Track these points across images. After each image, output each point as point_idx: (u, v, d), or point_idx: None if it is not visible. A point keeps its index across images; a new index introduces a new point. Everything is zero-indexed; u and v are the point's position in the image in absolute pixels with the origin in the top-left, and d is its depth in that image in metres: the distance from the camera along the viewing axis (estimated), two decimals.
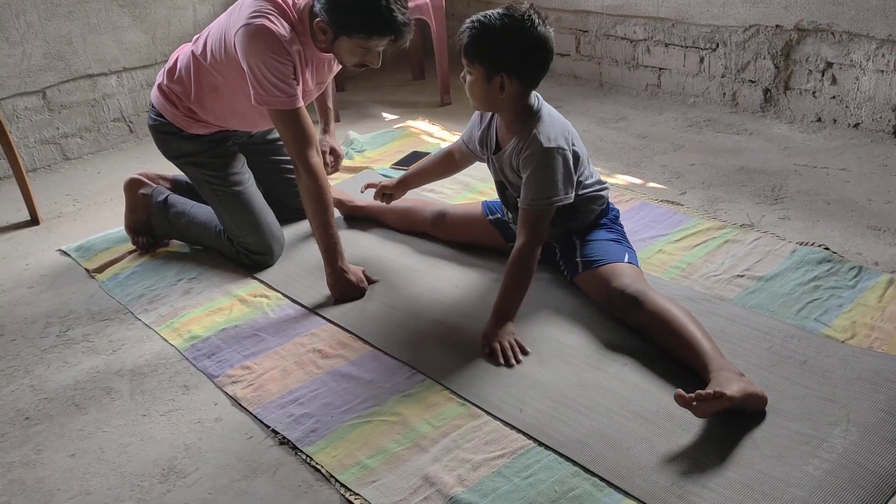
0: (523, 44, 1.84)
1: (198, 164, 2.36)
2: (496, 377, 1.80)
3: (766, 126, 3.19)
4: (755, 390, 1.59)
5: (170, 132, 2.35)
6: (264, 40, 2.04)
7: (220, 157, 2.37)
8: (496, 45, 1.84)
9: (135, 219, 2.53)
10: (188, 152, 2.36)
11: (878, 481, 1.43)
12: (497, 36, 1.83)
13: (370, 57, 2.11)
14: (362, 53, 2.09)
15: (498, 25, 1.83)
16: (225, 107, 2.29)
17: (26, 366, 2.05)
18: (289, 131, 2.11)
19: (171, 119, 2.33)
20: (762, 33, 3.18)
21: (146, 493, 1.59)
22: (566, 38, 3.93)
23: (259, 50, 2.04)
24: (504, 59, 1.85)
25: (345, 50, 2.09)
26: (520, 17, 1.83)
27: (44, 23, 3.25)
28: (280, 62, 2.05)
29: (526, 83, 1.90)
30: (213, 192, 2.36)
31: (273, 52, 2.04)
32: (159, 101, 2.34)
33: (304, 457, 1.64)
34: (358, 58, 2.11)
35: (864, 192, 2.56)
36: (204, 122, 2.33)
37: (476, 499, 1.47)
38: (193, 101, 2.29)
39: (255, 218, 2.35)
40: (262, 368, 1.92)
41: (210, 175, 2.35)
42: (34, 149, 3.36)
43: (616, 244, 2.04)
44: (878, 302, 1.95)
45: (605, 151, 3.10)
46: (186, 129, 2.33)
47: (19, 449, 1.75)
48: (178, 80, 2.30)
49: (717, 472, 1.49)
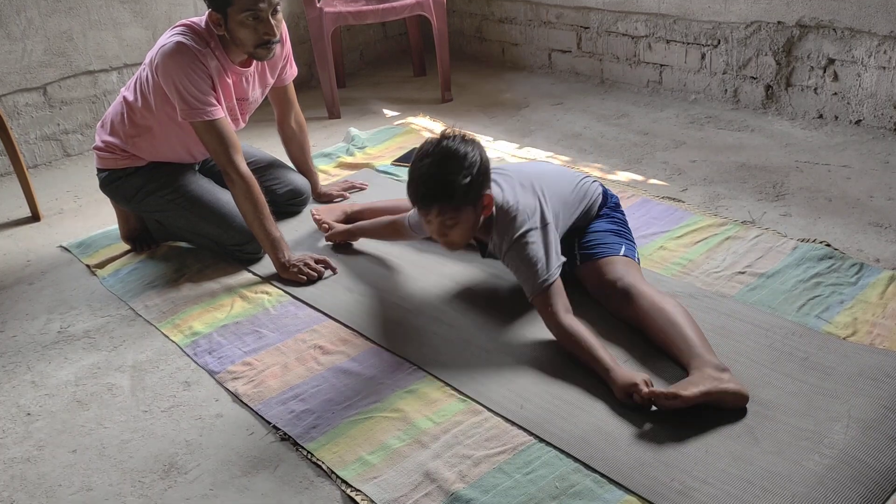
0: (477, 158, 1.83)
1: (152, 191, 2.40)
2: (497, 373, 1.80)
3: (767, 123, 3.18)
4: (732, 388, 1.60)
5: (116, 178, 2.42)
6: (181, 55, 2.15)
7: (166, 174, 2.41)
8: (467, 176, 1.80)
9: (129, 227, 2.55)
10: (139, 185, 2.40)
11: (879, 477, 1.44)
12: (462, 170, 1.79)
13: (263, 26, 2.15)
14: (254, 25, 2.14)
15: (453, 163, 1.80)
16: (161, 143, 2.37)
17: (27, 362, 2.05)
18: (214, 140, 2.21)
19: (112, 167, 2.41)
20: (764, 30, 3.17)
21: (147, 489, 1.59)
22: (567, 34, 3.93)
23: (178, 65, 2.15)
24: (479, 180, 1.82)
25: (238, 26, 2.15)
26: (453, 146, 1.81)
27: (44, 19, 3.24)
28: (198, 75, 2.16)
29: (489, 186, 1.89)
30: (177, 207, 2.40)
31: (191, 65, 2.15)
32: (98, 159, 2.43)
33: (305, 453, 1.64)
34: (252, 31, 2.16)
35: (866, 189, 2.56)
36: (142, 156, 2.40)
37: (477, 495, 1.48)
38: (128, 145, 2.37)
39: (223, 211, 2.37)
40: (263, 365, 1.92)
41: (166, 193, 2.39)
42: (35, 145, 3.36)
43: (614, 235, 2.03)
44: (880, 298, 1.94)
45: (606, 148, 3.10)
46: (132, 165, 2.40)
47: (21, 445, 1.76)
48: (111, 131, 2.40)
49: (718, 467, 1.49)
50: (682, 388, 1.58)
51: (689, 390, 1.57)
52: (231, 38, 2.19)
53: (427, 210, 1.83)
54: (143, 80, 2.29)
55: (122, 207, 2.51)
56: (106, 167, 2.43)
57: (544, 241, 1.87)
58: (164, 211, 2.42)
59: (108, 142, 2.39)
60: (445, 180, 1.78)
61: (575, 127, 3.35)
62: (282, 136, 2.69)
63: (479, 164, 1.82)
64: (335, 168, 3.08)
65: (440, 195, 1.80)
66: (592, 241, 2.01)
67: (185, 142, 2.36)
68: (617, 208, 2.13)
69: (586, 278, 2.00)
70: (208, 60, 2.19)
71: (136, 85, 2.33)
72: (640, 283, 1.87)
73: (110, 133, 2.39)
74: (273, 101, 2.60)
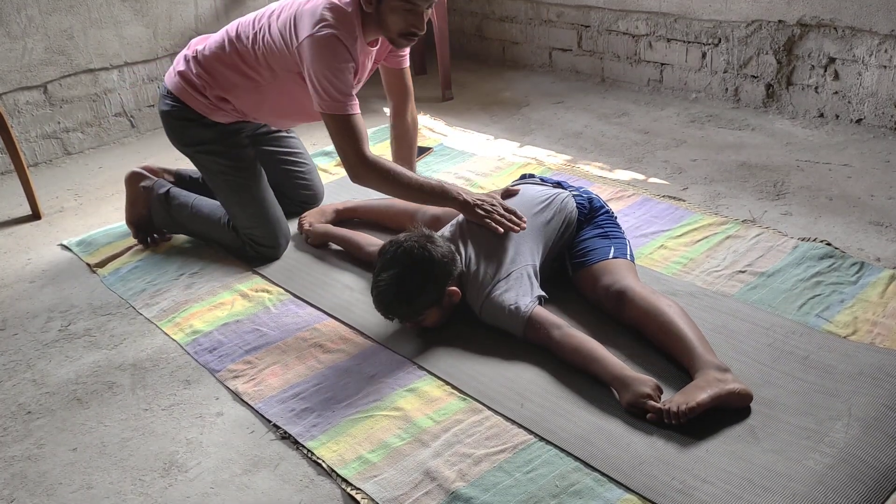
0: (436, 261, 1.88)
1: (214, 152, 2.34)
2: (497, 373, 1.80)
3: (768, 122, 3.18)
4: (737, 388, 1.60)
5: (188, 118, 2.32)
6: (335, 51, 2.03)
7: (236, 147, 2.36)
8: (424, 288, 1.87)
9: (135, 213, 2.53)
10: (206, 140, 2.33)
11: (879, 476, 1.44)
12: (420, 285, 1.87)
13: (413, 17, 2.05)
14: (405, 12, 2.04)
15: (411, 279, 1.86)
16: (262, 102, 2.28)
17: (28, 360, 2.05)
18: (346, 135, 2.08)
19: (193, 105, 2.29)
20: (765, 28, 3.17)
21: (147, 487, 1.59)
22: (568, 33, 3.92)
23: (329, 60, 2.03)
24: (439, 285, 1.89)
25: (390, 11, 2.05)
26: (408, 261, 1.87)
27: (45, 17, 3.24)
28: (347, 71, 2.06)
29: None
30: (225, 182, 2.35)
31: (343, 61, 2.04)
32: (180, 87, 2.29)
33: (305, 451, 1.64)
34: (402, 18, 2.05)
35: (867, 188, 2.55)
36: (228, 112, 2.31)
37: (477, 493, 1.48)
38: (228, 91, 2.26)
39: (266, 210, 2.36)
40: (263, 363, 1.92)
41: (225, 164, 2.34)
42: (35, 143, 3.36)
43: (601, 239, 2.02)
44: (880, 298, 1.94)
45: (606, 147, 3.10)
46: (208, 116, 2.31)
47: (21, 443, 1.76)
48: (209, 68, 2.26)
49: (718, 466, 1.49)
50: (692, 398, 1.57)
51: (700, 397, 1.57)
52: (377, 19, 2.07)
53: (391, 317, 1.94)
54: (269, 40, 2.15)
55: (173, 143, 2.40)
56: (184, 100, 2.29)
57: (511, 285, 1.89)
58: (210, 174, 2.36)
59: (201, 76, 2.25)
60: (403, 299, 1.88)
61: (575, 126, 3.35)
62: (394, 133, 2.50)
63: (437, 270, 1.88)
64: (335, 166, 3.08)
65: (401, 310, 1.90)
66: (581, 249, 2.01)
67: (292, 113, 2.28)
68: (600, 210, 2.09)
69: (581, 286, 2.00)
70: (355, 47, 2.07)
71: (255, 40, 2.18)
72: (634, 285, 1.86)
73: (208, 69, 2.25)
74: (389, 90, 2.45)
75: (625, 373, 1.68)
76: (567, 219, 2.04)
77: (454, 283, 1.92)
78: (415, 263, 1.87)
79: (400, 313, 1.91)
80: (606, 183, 2.73)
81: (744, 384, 1.62)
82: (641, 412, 1.61)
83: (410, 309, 1.89)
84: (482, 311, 1.92)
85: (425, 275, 1.87)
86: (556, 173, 2.81)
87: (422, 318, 1.92)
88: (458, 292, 1.92)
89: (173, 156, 3.23)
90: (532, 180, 2.21)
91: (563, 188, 2.14)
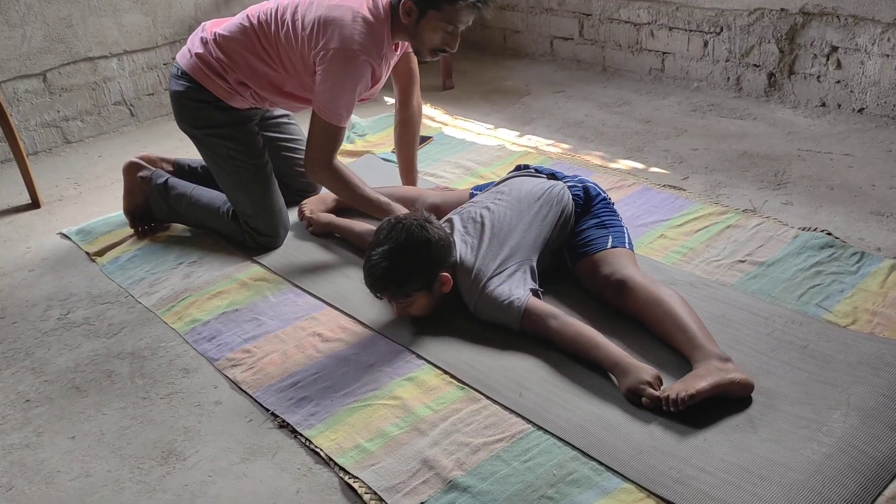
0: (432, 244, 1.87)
1: (226, 136, 2.32)
2: (495, 362, 1.80)
3: (769, 111, 3.17)
4: (738, 378, 1.59)
5: (204, 101, 2.29)
6: (357, 69, 2.09)
7: (248, 133, 2.35)
8: (417, 269, 1.87)
9: (133, 202, 2.53)
10: (219, 122, 2.31)
11: (877, 466, 1.43)
12: (413, 264, 1.86)
13: (450, 37, 2.11)
14: (444, 33, 2.09)
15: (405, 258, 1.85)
16: (281, 89, 2.29)
17: (27, 348, 2.05)
18: (325, 142, 2.16)
19: (210, 88, 2.27)
20: (767, 17, 3.15)
21: (146, 476, 1.60)
22: (569, 21, 3.91)
23: (349, 75, 2.09)
24: (431, 268, 1.88)
25: (429, 29, 2.09)
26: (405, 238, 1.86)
27: (44, 5, 3.23)
28: (361, 87, 2.13)
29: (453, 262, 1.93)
30: (234, 167, 2.33)
31: (361, 80, 2.11)
32: (196, 68, 2.26)
33: (303, 440, 1.64)
34: (440, 38, 2.10)
35: (868, 178, 2.54)
36: (246, 98, 2.30)
37: (474, 482, 1.48)
38: (249, 77, 2.25)
39: (269, 199, 2.36)
40: (262, 352, 1.92)
41: (235, 149, 2.32)
42: (35, 132, 3.35)
43: (599, 229, 2.01)
44: (880, 287, 1.94)
45: (607, 136, 3.09)
46: (225, 101, 2.29)
47: (20, 431, 1.76)
48: (230, 52, 2.24)
49: (716, 455, 1.49)
50: (692, 385, 1.57)
51: (700, 385, 1.56)
52: (412, 32, 2.12)
53: (379, 295, 1.93)
54: (290, 37, 2.16)
55: (181, 125, 2.38)
56: (200, 81, 2.26)
57: (505, 280, 1.89)
58: (218, 158, 2.34)
59: (221, 60, 2.23)
60: (394, 275, 1.86)
61: (576, 115, 3.34)
62: (398, 120, 2.51)
63: (433, 252, 1.87)
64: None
65: (390, 286, 1.88)
66: (580, 239, 2.00)
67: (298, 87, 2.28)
68: (595, 199, 2.08)
69: (581, 276, 2.00)
70: (379, 64, 2.13)
71: (276, 32, 2.19)
72: (634, 274, 1.86)
73: (229, 54, 2.23)
74: (395, 75, 2.43)
75: (626, 359, 1.68)
76: (564, 211, 2.03)
77: (447, 270, 1.91)
78: (411, 241, 1.86)
79: (389, 290, 1.89)
80: (607, 172, 2.72)
81: (745, 374, 1.61)
82: (639, 399, 1.61)
83: (399, 287, 1.87)
84: (477, 307, 1.91)
85: (419, 254, 1.86)
86: (557, 162, 2.80)
87: (410, 301, 1.90)
88: (450, 280, 1.91)
89: (172, 145, 3.23)
90: (527, 171, 2.20)
91: (558, 179, 2.13)
